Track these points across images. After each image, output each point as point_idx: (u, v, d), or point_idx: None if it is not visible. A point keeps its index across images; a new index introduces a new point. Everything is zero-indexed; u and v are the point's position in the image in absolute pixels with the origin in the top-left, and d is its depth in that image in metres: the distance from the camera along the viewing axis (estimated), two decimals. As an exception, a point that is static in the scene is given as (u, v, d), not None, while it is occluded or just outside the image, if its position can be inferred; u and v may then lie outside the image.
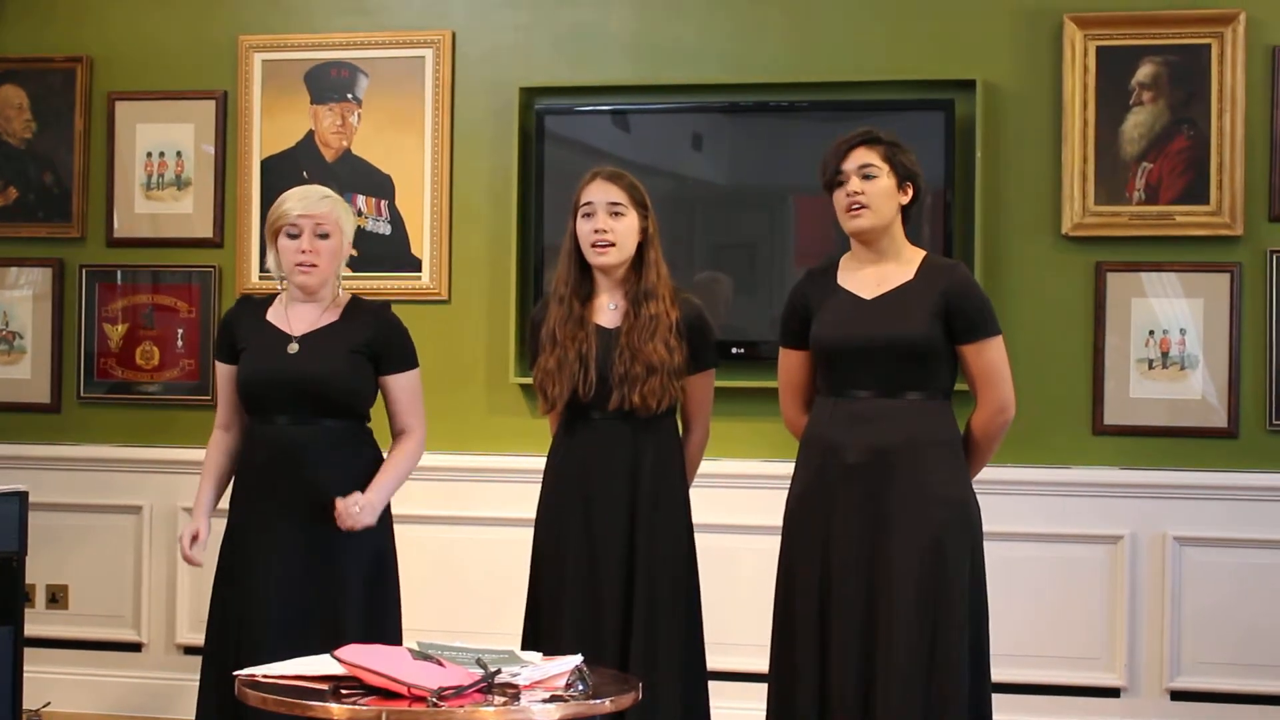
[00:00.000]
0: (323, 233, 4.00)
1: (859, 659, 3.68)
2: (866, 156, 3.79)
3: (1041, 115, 5.15)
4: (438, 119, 5.50)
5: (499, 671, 3.09)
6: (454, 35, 5.51)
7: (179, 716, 5.41)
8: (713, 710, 4.08)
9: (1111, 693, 5.06)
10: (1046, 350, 5.11)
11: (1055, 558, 5.08)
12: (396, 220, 5.53)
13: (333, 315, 4.06)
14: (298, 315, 4.05)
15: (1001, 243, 5.15)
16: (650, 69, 5.39)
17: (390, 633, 3.94)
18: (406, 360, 4.09)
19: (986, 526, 3.82)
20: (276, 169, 5.56)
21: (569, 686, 3.14)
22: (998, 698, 3.88)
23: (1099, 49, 5.08)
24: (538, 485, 4.09)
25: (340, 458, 3.98)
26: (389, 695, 3.05)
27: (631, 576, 3.93)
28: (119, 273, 5.73)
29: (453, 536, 5.35)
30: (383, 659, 3.14)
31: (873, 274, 3.84)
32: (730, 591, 4.82)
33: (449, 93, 5.50)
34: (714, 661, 4.09)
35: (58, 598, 5.70)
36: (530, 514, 4.10)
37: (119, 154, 5.71)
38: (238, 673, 3.29)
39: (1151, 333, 5.07)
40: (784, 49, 5.31)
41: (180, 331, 5.67)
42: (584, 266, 4.04)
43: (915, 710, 3.62)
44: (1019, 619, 4.93)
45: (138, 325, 5.71)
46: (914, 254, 3.87)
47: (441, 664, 3.15)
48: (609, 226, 3.98)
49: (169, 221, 5.69)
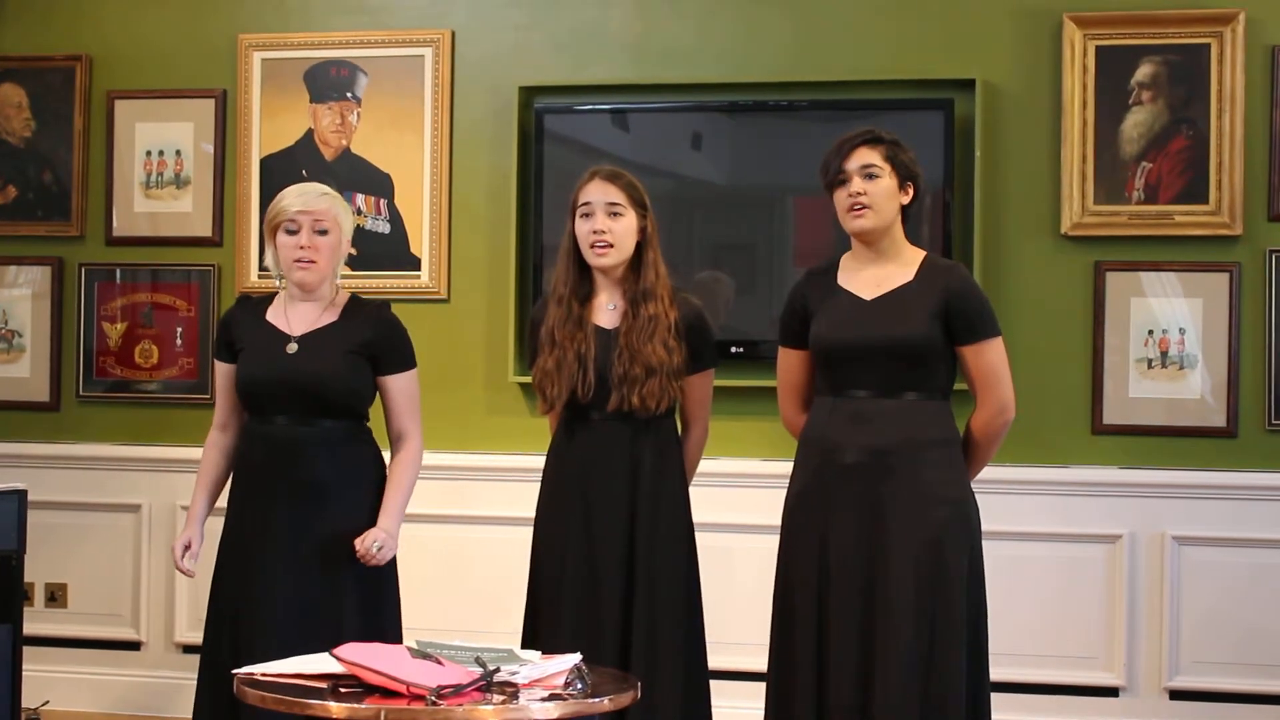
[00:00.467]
0: (321, 229, 3.98)
1: (857, 658, 3.68)
2: (869, 156, 3.79)
3: (1041, 115, 5.15)
4: (437, 118, 5.50)
5: (498, 670, 3.09)
6: (453, 34, 5.51)
7: (178, 715, 5.40)
8: (712, 709, 4.07)
9: (1110, 692, 5.06)
10: (1046, 350, 5.11)
11: (1054, 557, 5.08)
12: (396, 219, 5.53)
13: (332, 315, 4.05)
14: (297, 315, 4.04)
15: (1001, 242, 5.15)
16: (650, 69, 5.39)
17: (390, 631, 3.94)
18: (405, 361, 4.08)
19: (985, 526, 3.82)
20: (276, 168, 5.56)
21: (568, 685, 3.14)
22: (996, 697, 3.88)
23: (1098, 48, 5.08)
24: (537, 484, 4.09)
25: (339, 456, 3.97)
26: (388, 694, 3.05)
27: (631, 576, 3.93)
28: (118, 271, 5.72)
29: (452, 535, 5.35)
30: (381, 657, 3.14)
31: (873, 275, 3.84)
32: (729, 590, 4.82)
33: (448, 92, 5.50)
34: (713, 660, 4.08)
35: (57, 596, 5.70)
36: (529, 513, 4.09)
37: (118, 153, 5.71)
38: (236, 671, 3.29)
39: (1151, 332, 5.07)
40: (783, 49, 5.31)
41: (179, 330, 5.67)
42: (583, 266, 4.03)
43: (914, 709, 3.62)
44: (1018, 618, 4.93)
45: (137, 324, 5.70)
46: (914, 254, 3.87)
47: (440, 662, 3.15)
48: (607, 227, 3.96)
49: (168, 220, 5.69)
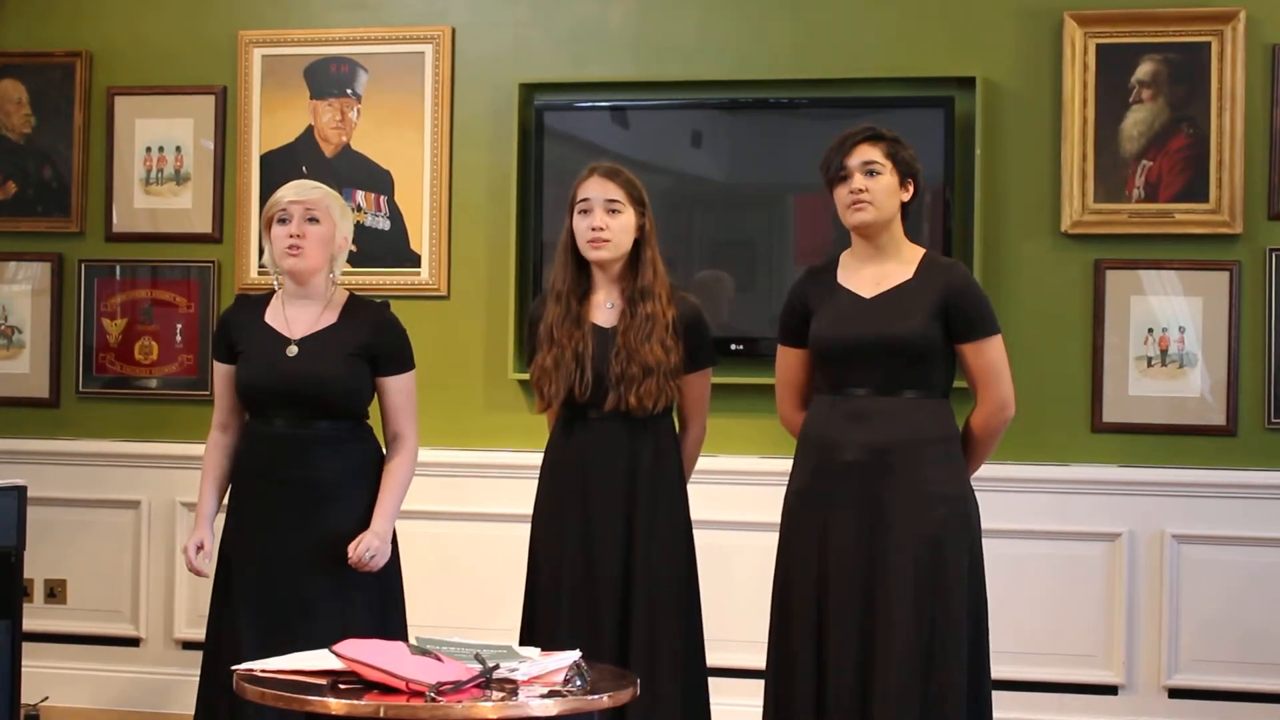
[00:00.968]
0: (312, 217, 3.98)
1: (857, 656, 3.68)
2: (870, 153, 3.79)
3: (1041, 113, 5.15)
4: (437, 115, 5.49)
5: (497, 667, 3.09)
6: (454, 31, 5.51)
7: (177, 711, 5.41)
8: (711, 707, 4.07)
9: (1109, 690, 5.06)
10: (1045, 348, 5.11)
11: (1054, 555, 5.08)
12: (396, 216, 5.52)
13: (331, 316, 4.04)
14: (295, 315, 4.03)
15: (1001, 240, 5.15)
16: (650, 66, 5.39)
17: (394, 628, 3.94)
18: (404, 363, 4.07)
19: (985, 524, 3.82)
20: (276, 164, 5.56)
21: (567, 682, 3.14)
22: (997, 694, 3.88)
23: (1099, 46, 5.08)
24: (535, 481, 4.09)
25: (341, 455, 3.98)
26: (387, 690, 3.05)
27: (630, 575, 3.93)
28: (118, 268, 5.72)
29: (451, 532, 5.35)
30: (381, 654, 3.14)
31: (872, 273, 3.84)
32: (728, 588, 4.82)
33: (448, 88, 5.49)
34: (712, 658, 4.09)
35: (56, 592, 5.70)
36: (528, 510, 4.10)
37: (118, 149, 5.71)
38: (236, 668, 3.29)
39: (1150, 330, 5.07)
40: (784, 46, 5.31)
41: (179, 327, 5.67)
42: (581, 263, 4.03)
43: (913, 708, 3.62)
44: (1017, 616, 4.92)
45: (136, 320, 5.70)
46: (913, 252, 3.87)
47: (440, 659, 3.15)
48: (605, 224, 3.96)
49: (168, 216, 5.68)
